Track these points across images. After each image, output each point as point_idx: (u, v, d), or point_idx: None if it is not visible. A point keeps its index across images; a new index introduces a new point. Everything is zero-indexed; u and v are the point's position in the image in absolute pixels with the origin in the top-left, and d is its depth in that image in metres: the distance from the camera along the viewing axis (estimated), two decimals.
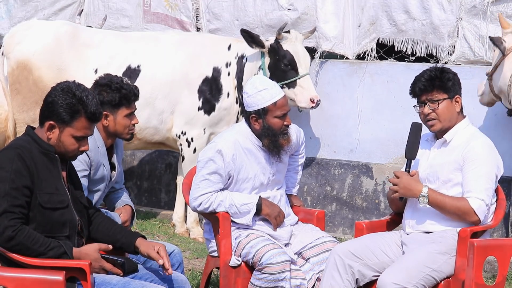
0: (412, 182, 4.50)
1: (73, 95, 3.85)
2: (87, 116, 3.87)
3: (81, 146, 3.93)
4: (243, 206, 4.78)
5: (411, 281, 4.28)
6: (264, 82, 4.86)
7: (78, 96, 3.85)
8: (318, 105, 7.20)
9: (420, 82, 4.57)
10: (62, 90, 3.88)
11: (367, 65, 7.69)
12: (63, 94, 3.86)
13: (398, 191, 4.53)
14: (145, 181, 8.65)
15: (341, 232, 7.68)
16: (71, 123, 3.86)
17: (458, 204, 4.42)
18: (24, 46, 7.21)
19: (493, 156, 4.55)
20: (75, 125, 3.87)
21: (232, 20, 8.19)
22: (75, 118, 3.86)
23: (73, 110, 3.85)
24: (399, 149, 7.47)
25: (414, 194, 4.48)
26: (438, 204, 4.46)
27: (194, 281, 5.81)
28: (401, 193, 4.52)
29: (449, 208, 4.43)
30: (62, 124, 3.87)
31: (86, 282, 3.73)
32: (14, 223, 3.70)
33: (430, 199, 4.44)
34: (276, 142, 4.82)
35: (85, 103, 3.85)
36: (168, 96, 7.27)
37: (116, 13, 8.69)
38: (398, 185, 4.51)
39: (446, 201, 4.44)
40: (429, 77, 4.55)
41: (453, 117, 4.59)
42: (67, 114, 3.85)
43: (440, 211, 4.48)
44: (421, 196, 4.46)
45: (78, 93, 3.86)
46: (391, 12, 7.50)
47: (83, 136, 3.91)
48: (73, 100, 3.85)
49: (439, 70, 4.59)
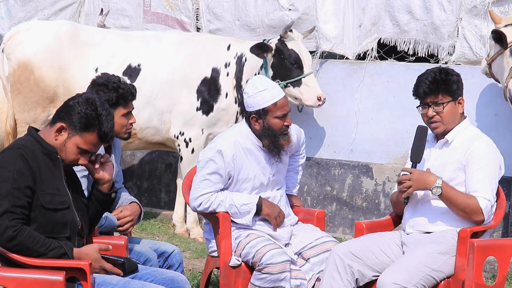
0: (425, 173, 4.43)
1: (95, 108, 3.87)
2: (99, 133, 3.88)
3: (81, 158, 3.93)
4: (243, 206, 4.78)
5: (411, 281, 4.28)
6: (265, 83, 4.85)
7: (99, 112, 3.87)
8: (324, 103, 7.25)
9: (424, 84, 4.51)
10: (87, 100, 3.89)
11: (367, 65, 7.69)
12: (86, 104, 3.87)
13: (412, 185, 4.43)
14: (145, 181, 8.65)
15: (341, 232, 7.68)
16: (81, 133, 3.87)
17: (469, 201, 4.40)
18: (25, 46, 7.21)
19: (496, 156, 4.55)
20: (85, 137, 3.88)
21: (233, 20, 8.20)
22: (87, 130, 3.87)
23: (88, 122, 3.86)
24: (399, 149, 7.47)
25: (428, 185, 4.39)
26: (450, 198, 4.40)
27: (194, 281, 5.81)
28: (415, 186, 4.42)
29: (459, 203, 4.39)
30: (73, 130, 3.87)
31: (86, 282, 3.74)
32: (15, 223, 3.70)
33: (444, 190, 4.37)
34: (276, 143, 4.82)
35: (102, 122, 3.87)
36: (168, 96, 7.27)
37: (116, 13, 8.69)
38: (411, 179, 4.43)
39: (459, 196, 4.40)
40: (433, 79, 4.50)
41: (456, 118, 4.58)
42: (82, 123, 3.86)
43: (449, 206, 4.43)
44: (435, 187, 4.37)
45: (100, 109, 3.88)
46: (394, 12, 7.50)
47: (87, 150, 3.92)
48: (93, 113, 3.86)
49: (444, 72, 4.53)
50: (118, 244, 4.23)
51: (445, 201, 4.44)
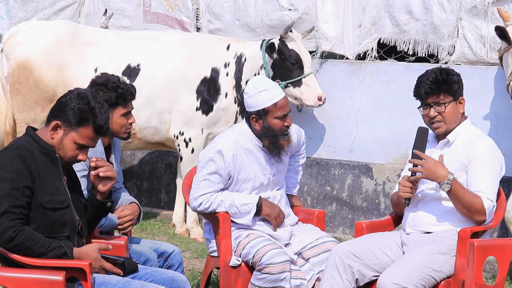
0: (438, 165, 4.38)
1: (87, 102, 3.87)
2: (94, 126, 3.88)
3: (79, 154, 3.93)
4: (243, 206, 4.78)
5: (411, 281, 4.28)
6: (265, 83, 4.85)
7: (92, 105, 3.87)
8: (324, 103, 7.26)
9: (426, 84, 4.51)
10: (79, 95, 3.89)
11: (367, 65, 7.69)
12: (78, 99, 3.87)
13: (422, 172, 4.38)
14: (145, 181, 8.65)
15: (341, 232, 7.68)
16: (77, 128, 3.87)
17: (475, 200, 4.38)
18: (24, 46, 7.21)
19: (498, 156, 4.55)
20: (81, 132, 3.88)
21: (233, 20, 8.20)
22: (82, 125, 3.87)
23: (82, 116, 3.86)
24: (399, 149, 7.47)
25: (438, 178, 4.35)
26: (457, 195, 4.37)
27: (194, 281, 5.81)
28: (425, 174, 4.38)
29: (466, 201, 4.37)
30: (68, 126, 3.87)
31: (86, 282, 3.74)
32: (15, 223, 3.70)
33: (453, 187, 4.35)
34: (276, 143, 4.82)
35: (96, 114, 3.87)
36: (168, 96, 7.27)
37: (116, 13, 8.69)
38: (423, 166, 4.38)
39: (466, 194, 4.37)
40: (435, 80, 4.50)
41: (458, 118, 4.58)
42: (76, 118, 3.86)
43: (455, 203, 4.40)
44: (446, 183, 4.33)
45: (93, 102, 3.88)
46: (393, 12, 7.50)
47: (85, 145, 3.91)
48: (85, 107, 3.86)
49: (445, 72, 4.53)
50: (118, 244, 4.23)
51: (451, 198, 4.40)
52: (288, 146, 4.88)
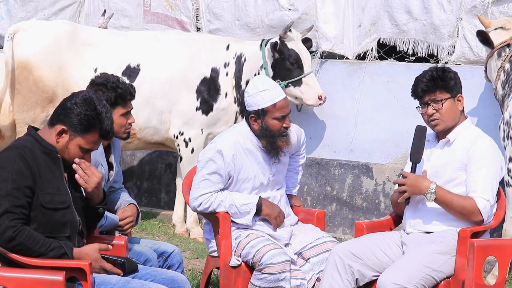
0: (419, 178, 4.44)
1: (94, 108, 3.86)
2: (101, 132, 3.89)
3: (84, 157, 3.93)
4: (243, 206, 4.78)
5: (411, 281, 4.28)
6: (265, 83, 4.85)
7: (98, 111, 3.87)
8: (324, 102, 7.27)
9: (422, 83, 4.54)
10: (85, 100, 3.88)
11: (367, 65, 7.70)
12: (85, 105, 3.86)
13: (406, 190, 4.45)
14: (145, 181, 8.65)
15: (341, 232, 7.68)
16: (83, 134, 3.87)
17: (465, 203, 4.40)
18: (24, 46, 7.20)
19: (498, 156, 4.55)
20: (87, 137, 3.88)
21: (233, 20, 8.20)
22: (89, 131, 3.87)
23: (90, 123, 3.86)
24: (399, 149, 7.47)
25: (422, 190, 4.42)
26: (445, 202, 4.41)
27: (194, 281, 5.81)
28: (410, 191, 4.44)
29: (455, 206, 4.41)
30: (74, 132, 3.87)
31: (86, 282, 3.74)
32: (15, 223, 3.70)
33: (438, 195, 4.40)
34: (274, 144, 4.81)
35: (102, 120, 3.87)
36: (167, 96, 7.27)
37: (116, 13, 8.69)
38: (405, 184, 4.45)
39: (454, 199, 4.41)
40: (430, 77, 4.53)
41: (456, 116, 4.58)
42: (83, 125, 3.86)
43: (446, 209, 4.45)
44: (429, 193, 4.39)
45: (99, 108, 3.88)
46: (393, 12, 7.50)
47: (90, 149, 3.92)
48: (92, 113, 3.86)
49: (440, 69, 4.57)
50: (118, 244, 4.23)
51: (441, 205, 4.46)
52: (286, 147, 4.87)
